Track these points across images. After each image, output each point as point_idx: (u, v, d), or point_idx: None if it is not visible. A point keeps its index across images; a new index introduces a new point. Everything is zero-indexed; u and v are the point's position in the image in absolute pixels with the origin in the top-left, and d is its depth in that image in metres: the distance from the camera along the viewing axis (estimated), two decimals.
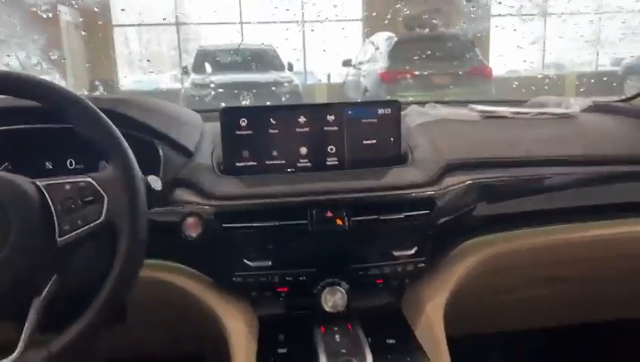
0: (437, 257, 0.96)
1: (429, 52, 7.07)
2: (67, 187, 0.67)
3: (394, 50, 7.41)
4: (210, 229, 0.87)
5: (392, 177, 0.94)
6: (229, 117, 0.95)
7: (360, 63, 8.31)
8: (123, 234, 0.67)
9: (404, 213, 0.90)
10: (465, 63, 7.17)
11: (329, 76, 10.65)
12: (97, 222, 0.67)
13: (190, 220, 0.87)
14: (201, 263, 0.92)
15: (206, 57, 7.93)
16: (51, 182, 0.68)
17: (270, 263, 0.89)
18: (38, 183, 0.67)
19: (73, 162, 0.97)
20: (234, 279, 0.89)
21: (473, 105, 1.24)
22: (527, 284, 1.09)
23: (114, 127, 0.71)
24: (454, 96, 6.92)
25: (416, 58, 7.11)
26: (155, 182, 0.76)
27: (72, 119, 0.70)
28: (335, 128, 0.98)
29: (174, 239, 0.87)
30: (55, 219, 0.65)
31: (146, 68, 11.74)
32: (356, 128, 0.98)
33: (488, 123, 1.15)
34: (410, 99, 6.97)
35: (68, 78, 7.36)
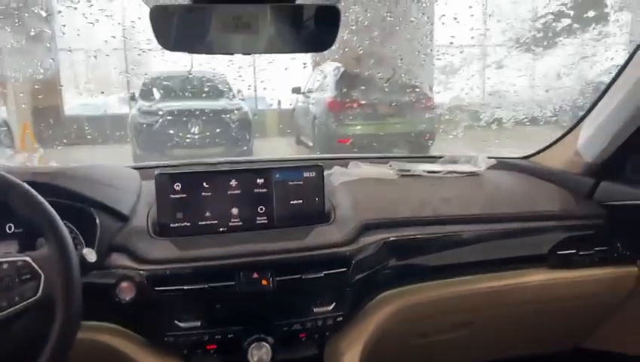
0: (354, 310, 1.07)
1: (375, 83, 7.32)
2: (5, 266, 0.73)
3: (341, 80, 7.62)
4: (142, 292, 0.94)
5: (313, 237, 1.04)
6: (164, 182, 1.03)
7: (309, 91, 8.48)
8: (59, 309, 0.74)
9: (324, 272, 1.00)
10: (408, 95, 7.47)
11: (279, 102, 10.76)
12: (34, 298, 0.73)
13: (124, 284, 0.94)
14: (135, 324, 0.99)
15: (154, 84, 7.81)
16: None
17: (199, 323, 0.97)
18: None
19: (12, 226, 1.02)
20: (166, 339, 0.97)
21: (393, 163, 1.37)
22: (437, 329, 1.22)
23: (49, 209, 0.78)
24: (399, 126, 7.19)
25: (362, 88, 7.35)
26: (90, 255, 0.84)
27: (10, 201, 0.77)
28: (264, 190, 1.07)
29: (109, 301, 0.93)
30: None
31: (92, 90, 11.45)
32: (284, 190, 1.08)
33: (404, 181, 1.28)
34: (358, 127, 7.21)
35: (9, 105, 7.13)
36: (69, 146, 7.12)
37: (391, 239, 1.08)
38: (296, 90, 8.74)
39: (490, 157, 1.39)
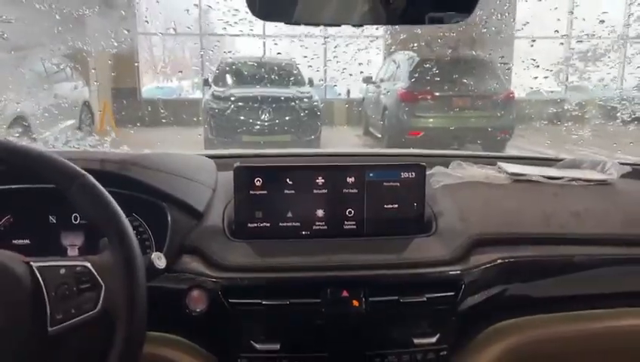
0: (460, 344, 0.89)
1: (451, 73, 6.98)
2: (62, 271, 0.62)
3: (415, 70, 7.33)
4: (215, 304, 0.81)
5: (414, 251, 0.88)
6: (244, 176, 0.90)
7: (381, 81, 8.26)
8: (120, 327, 0.61)
9: (427, 295, 0.83)
10: (486, 86, 7.07)
11: (348, 92, 10.62)
12: (93, 312, 0.62)
13: (195, 293, 0.82)
14: (205, 339, 0.86)
15: (228, 69, 7.93)
16: (46, 264, 0.63)
17: (278, 346, 0.83)
18: (32, 264, 0.62)
19: (78, 217, 0.92)
20: (239, 361, 0.83)
21: (502, 165, 1.16)
22: None
23: (115, 207, 0.66)
24: (474, 120, 6.83)
25: (437, 79, 7.03)
26: (159, 260, 0.71)
27: (70, 196, 0.65)
28: (355, 191, 0.92)
29: (177, 311, 0.81)
30: (47, 306, 0.60)
31: (168, 74, 11.84)
32: (377, 191, 0.92)
33: (518, 188, 1.08)
34: (430, 120, 6.92)
35: (91, 85, 7.42)
36: (143, 128, 7.35)
37: (510, 259, 0.89)
38: (367, 80, 8.54)
39: (622, 163, 1.15)
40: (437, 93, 7.02)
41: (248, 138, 6.58)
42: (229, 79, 7.69)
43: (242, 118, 6.73)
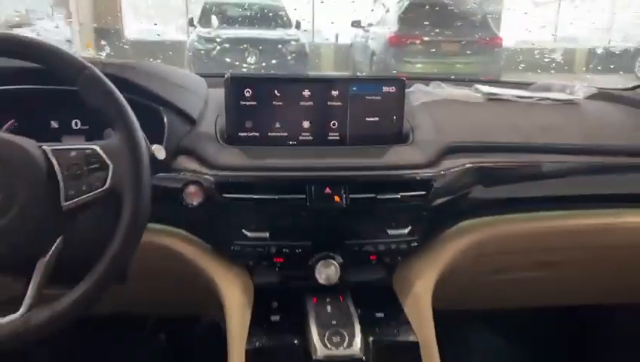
0: (430, 236, 0.99)
1: (441, 18, 6.91)
2: (73, 153, 0.69)
3: (405, 13, 7.23)
4: (210, 198, 0.89)
5: (391, 156, 0.96)
6: (234, 86, 0.95)
7: (369, 25, 8.14)
8: (127, 202, 0.69)
9: (401, 193, 0.92)
10: (476, 32, 7.01)
11: (337, 36, 10.43)
12: (102, 189, 0.69)
13: (191, 188, 0.89)
14: (201, 230, 0.95)
15: (213, 10, 7.74)
16: (58, 147, 0.69)
17: (268, 235, 0.92)
18: (45, 148, 0.69)
19: (78, 123, 0.98)
20: (232, 248, 0.92)
21: (478, 86, 1.24)
22: (516, 267, 1.13)
23: (120, 96, 0.72)
24: (463, 66, 6.82)
25: (427, 23, 6.95)
26: (159, 152, 0.78)
27: (78, 86, 0.71)
28: (339, 103, 0.98)
29: (175, 205, 0.89)
30: (61, 184, 0.67)
31: (152, 16, 11.53)
32: (359, 104, 0.98)
33: (491, 105, 1.15)
34: (418, 65, 6.88)
35: (73, 25, 7.22)
36: None
37: (477, 164, 0.98)
38: (356, 24, 8.41)
39: (589, 87, 1.23)
40: (426, 38, 6.95)
41: None
42: (214, 20, 7.53)
43: (228, 60, 6.64)
